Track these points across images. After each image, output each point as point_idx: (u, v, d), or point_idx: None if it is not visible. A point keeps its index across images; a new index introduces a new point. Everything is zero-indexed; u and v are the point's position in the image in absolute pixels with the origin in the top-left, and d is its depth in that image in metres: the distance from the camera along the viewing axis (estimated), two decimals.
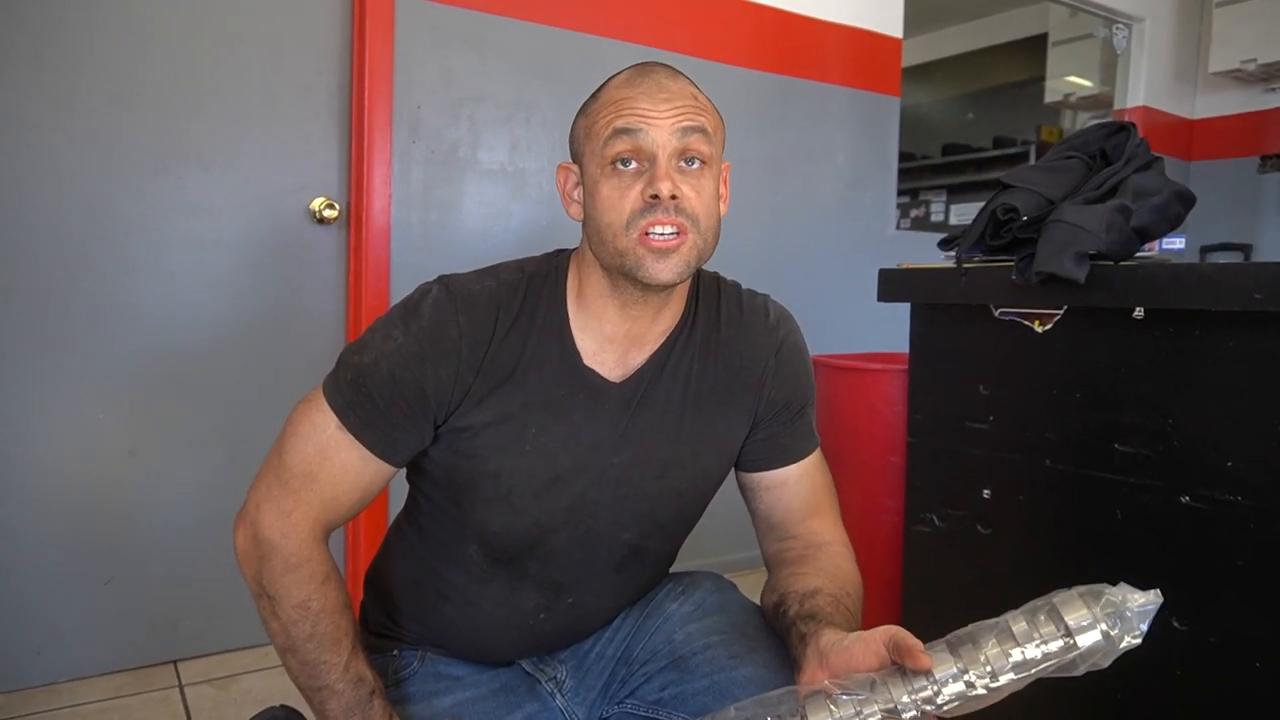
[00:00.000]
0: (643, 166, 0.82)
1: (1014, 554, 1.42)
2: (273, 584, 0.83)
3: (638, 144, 0.81)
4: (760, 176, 2.59)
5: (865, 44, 2.80)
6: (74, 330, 1.75)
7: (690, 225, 0.82)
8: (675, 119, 0.82)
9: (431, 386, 0.83)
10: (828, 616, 0.80)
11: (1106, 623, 0.66)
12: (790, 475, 0.97)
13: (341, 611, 0.86)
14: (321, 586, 0.84)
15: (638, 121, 0.81)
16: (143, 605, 1.85)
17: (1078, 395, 1.31)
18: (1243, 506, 1.12)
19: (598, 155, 0.84)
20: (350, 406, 0.84)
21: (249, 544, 0.84)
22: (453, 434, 0.86)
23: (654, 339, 0.92)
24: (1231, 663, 1.14)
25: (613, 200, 0.82)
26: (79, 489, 1.77)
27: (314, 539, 0.84)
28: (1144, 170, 1.32)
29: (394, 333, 0.85)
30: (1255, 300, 1.06)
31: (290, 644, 0.84)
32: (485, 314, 0.86)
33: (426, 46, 2.02)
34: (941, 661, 0.68)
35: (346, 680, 0.84)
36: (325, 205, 1.96)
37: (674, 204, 0.81)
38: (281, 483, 0.85)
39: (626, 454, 0.90)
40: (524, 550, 0.91)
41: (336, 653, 0.84)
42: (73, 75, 1.71)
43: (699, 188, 0.83)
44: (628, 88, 0.84)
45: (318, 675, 0.84)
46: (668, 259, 0.81)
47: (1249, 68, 3.68)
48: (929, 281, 1.50)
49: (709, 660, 0.88)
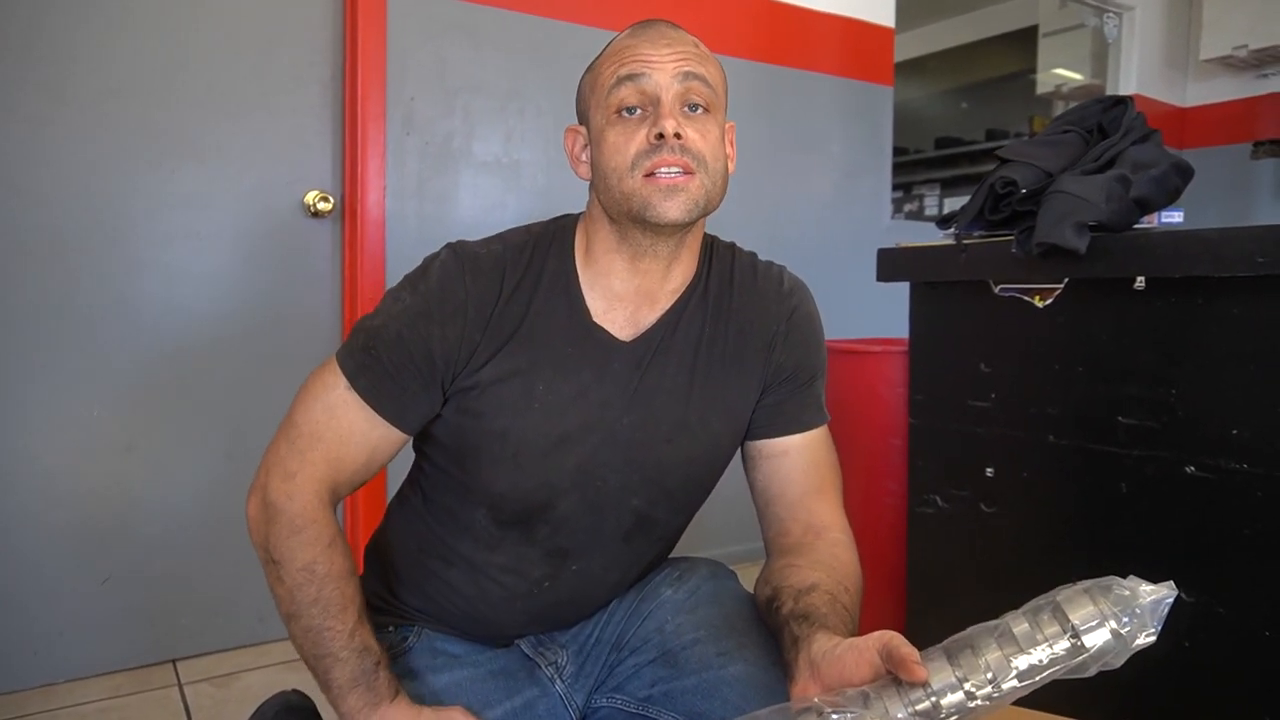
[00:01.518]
0: (647, 112, 0.83)
1: (1019, 532, 1.41)
2: (278, 547, 0.82)
3: (641, 88, 0.83)
4: (756, 166, 2.58)
5: (857, 34, 2.80)
6: (68, 325, 1.73)
7: (697, 165, 0.82)
8: (678, 63, 0.83)
9: (438, 345, 0.84)
10: (822, 618, 0.77)
11: (1116, 620, 0.61)
12: (792, 445, 0.95)
13: (347, 577, 0.84)
14: (327, 550, 0.83)
15: (640, 66, 0.83)
16: (141, 604, 1.83)
17: (1080, 369, 1.30)
18: (1249, 474, 1.12)
19: (603, 105, 0.85)
20: (361, 369, 0.85)
21: (258, 510, 0.84)
22: (460, 394, 0.86)
23: (666, 297, 0.91)
24: (1242, 633, 1.14)
25: (619, 145, 0.83)
26: (75, 486, 1.76)
27: (320, 501, 0.84)
28: (1141, 143, 1.32)
29: (402, 295, 0.87)
30: (1258, 264, 1.05)
31: (295, 609, 0.82)
32: (492, 274, 0.86)
33: (420, 37, 2.01)
34: (938, 671, 0.62)
35: (351, 648, 0.82)
36: (319, 198, 1.95)
37: (679, 143, 0.81)
38: (289, 443, 0.85)
39: (636, 414, 0.89)
40: (532, 513, 0.89)
41: (341, 620, 0.82)
42: (65, 68, 1.69)
43: (703, 130, 0.84)
44: (630, 38, 0.86)
45: (322, 643, 0.82)
46: (675, 196, 0.81)
47: (1240, 54, 3.69)
48: (928, 259, 1.49)
49: (698, 657, 0.86)
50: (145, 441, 1.83)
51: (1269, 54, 3.67)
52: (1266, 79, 3.83)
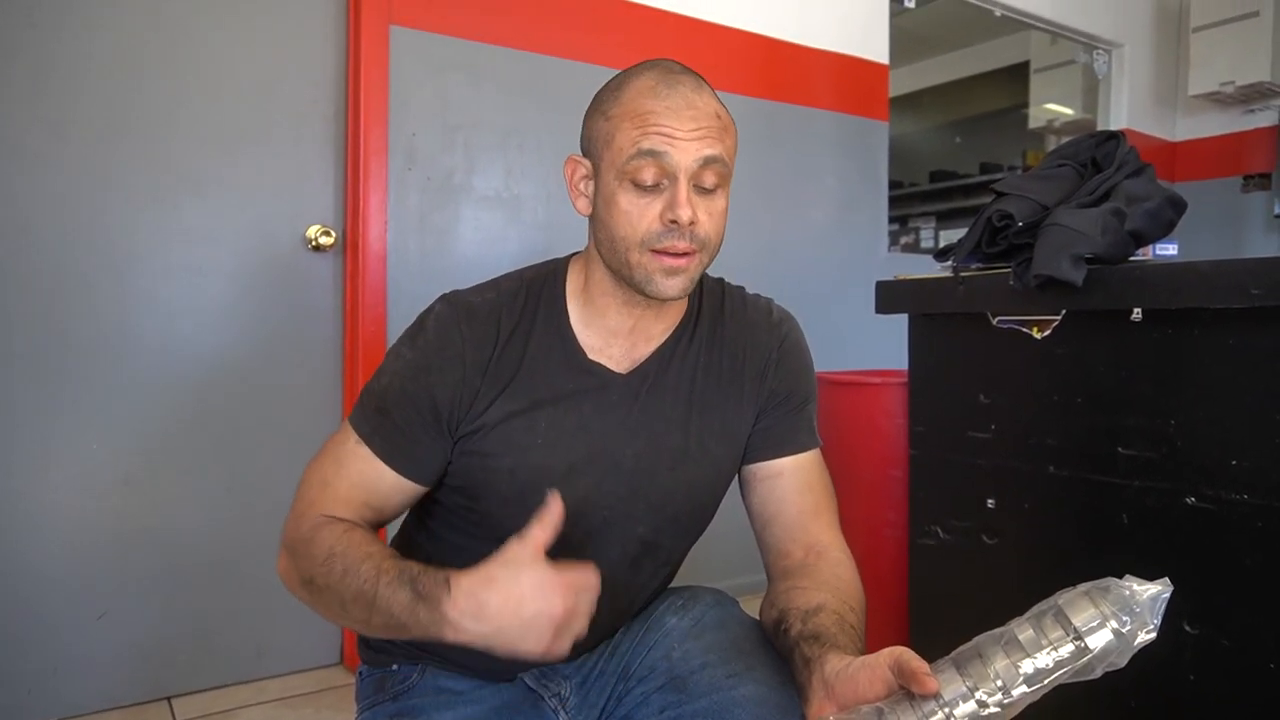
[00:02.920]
0: (662, 187, 0.83)
1: (1020, 563, 1.41)
2: (305, 567, 0.82)
3: (661, 165, 0.82)
4: (753, 200, 2.61)
5: (853, 70, 2.85)
6: (68, 358, 1.74)
7: (701, 246, 0.85)
8: (700, 143, 0.82)
9: (441, 394, 0.86)
10: (832, 638, 0.78)
11: (1116, 620, 0.63)
12: (786, 467, 0.97)
13: (367, 540, 0.82)
14: (343, 535, 0.82)
15: (663, 144, 0.82)
16: (137, 640, 1.81)
17: (1079, 400, 1.31)
18: (1249, 505, 1.12)
19: (617, 167, 0.84)
20: (375, 431, 0.87)
21: (284, 559, 0.85)
22: (465, 437, 0.88)
23: (659, 333, 0.94)
24: (1245, 666, 1.13)
25: (631, 217, 0.83)
26: (71, 520, 1.75)
27: (327, 518, 0.85)
28: (1135, 176, 1.34)
29: (403, 351, 0.89)
30: (1253, 296, 1.07)
31: (341, 592, 0.78)
32: (487, 321, 0.89)
33: (421, 75, 2.04)
34: (949, 682, 0.64)
35: (384, 582, 0.77)
36: (321, 232, 1.96)
37: (690, 229, 0.83)
38: (298, 497, 0.87)
39: (639, 443, 0.91)
40: None
41: (365, 567, 0.78)
42: (69, 104, 1.72)
43: (713, 210, 0.85)
44: (653, 99, 0.83)
45: (365, 595, 0.77)
46: (676, 277, 0.84)
47: (1227, 90, 3.75)
48: (926, 292, 1.50)
49: (708, 680, 0.86)
50: (143, 475, 1.82)
51: (1255, 90, 3.73)
52: (1254, 114, 3.89)
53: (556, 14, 2.23)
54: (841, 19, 2.81)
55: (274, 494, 1.92)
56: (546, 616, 0.71)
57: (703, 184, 0.84)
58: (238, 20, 1.88)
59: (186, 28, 1.83)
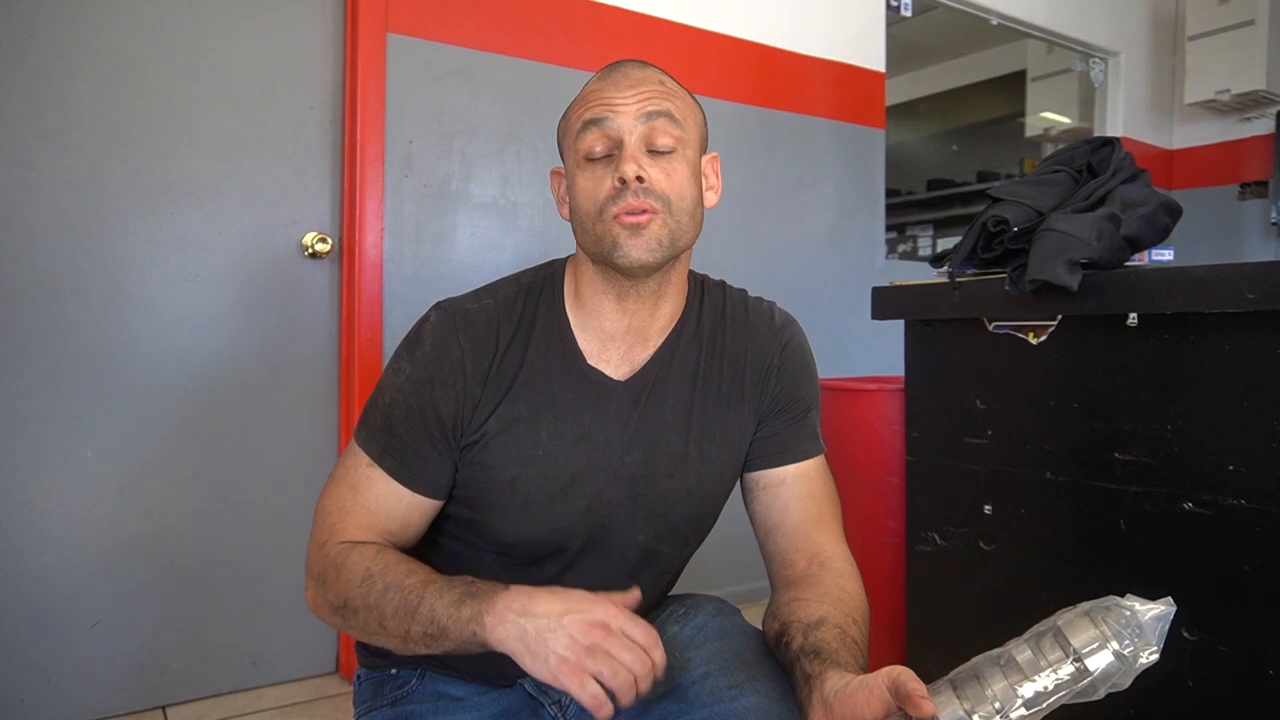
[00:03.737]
0: (614, 156, 0.84)
1: (1018, 569, 1.40)
2: (337, 594, 0.82)
3: (605, 132, 0.84)
4: (750, 208, 2.61)
5: (849, 78, 2.86)
6: (64, 366, 1.73)
7: (661, 205, 0.83)
8: (640, 104, 0.84)
9: (444, 406, 0.86)
10: (833, 653, 0.77)
11: (1118, 641, 0.62)
12: (789, 474, 0.96)
13: (404, 560, 0.83)
14: (376, 556, 0.82)
15: (603, 110, 0.84)
16: (131, 648, 1.80)
17: (1075, 405, 1.31)
18: (1247, 510, 1.12)
19: (573, 150, 0.87)
20: (386, 451, 0.87)
21: (314, 591, 0.85)
22: (467, 448, 0.87)
23: (657, 334, 0.93)
24: (1244, 672, 1.12)
25: (588, 190, 0.85)
26: (66, 528, 1.74)
27: (353, 543, 0.85)
28: (1130, 182, 1.34)
29: (402, 365, 0.89)
30: (1248, 300, 1.07)
31: (381, 609, 0.78)
32: (485, 330, 0.88)
33: (418, 83, 2.05)
34: (945, 704, 0.64)
35: (434, 585, 0.78)
36: (317, 239, 1.96)
37: (641, 186, 0.82)
38: (318, 525, 0.87)
39: (639, 451, 0.90)
40: (542, 556, 0.90)
41: (410, 580, 0.79)
42: (66, 113, 1.72)
43: (669, 170, 0.84)
44: (597, 81, 0.88)
45: (409, 603, 0.77)
46: (639, 235, 0.83)
47: (1223, 98, 3.76)
48: (922, 297, 1.50)
49: (709, 690, 0.85)
50: (139, 483, 1.81)
51: (1250, 98, 3.75)
52: (1250, 122, 3.90)
53: (553, 22, 2.24)
54: (838, 27, 2.82)
55: (270, 502, 1.92)
56: (586, 617, 0.72)
57: (655, 146, 0.84)
58: (236, 29, 1.89)
59: (184, 37, 1.83)
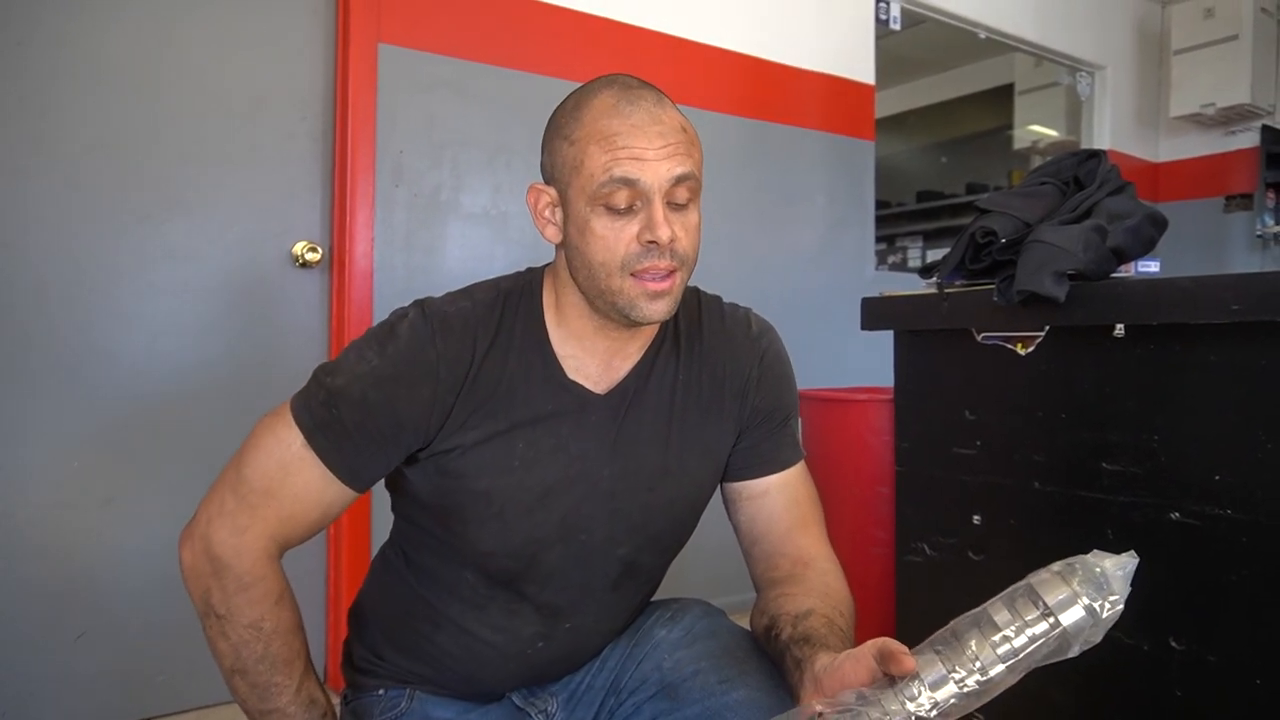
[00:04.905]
0: (635, 206, 0.81)
1: (1007, 579, 1.39)
2: (224, 603, 0.81)
3: (635, 190, 0.80)
4: (742, 219, 2.62)
5: (839, 91, 2.88)
6: (51, 376, 1.72)
7: (681, 264, 0.83)
8: (670, 161, 0.80)
9: (406, 410, 0.82)
10: (822, 639, 0.78)
11: (1088, 595, 0.65)
12: (772, 484, 0.97)
13: (295, 632, 0.84)
14: (275, 606, 0.82)
15: (635, 170, 0.79)
16: (115, 661, 1.78)
17: (1063, 416, 1.31)
18: (1233, 520, 1.12)
19: (587, 192, 0.81)
20: (319, 427, 0.82)
21: (200, 560, 0.82)
22: (439, 456, 0.85)
23: (635, 350, 0.92)
24: (1231, 681, 1.13)
25: (608, 242, 0.81)
26: (50, 539, 1.72)
27: (268, 557, 0.82)
28: (1116, 194, 1.35)
29: (368, 355, 0.84)
30: (1233, 311, 1.07)
31: (240, 666, 0.82)
32: (462, 335, 0.85)
33: (409, 93, 2.05)
34: (928, 663, 0.66)
35: (298, 703, 0.82)
36: (308, 249, 1.96)
37: (670, 247, 0.81)
38: (238, 497, 0.83)
39: (617, 465, 0.89)
40: (520, 570, 0.89)
41: (289, 674, 0.82)
42: (55, 122, 1.71)
43: (688, 225, 0.84)
44: (617, 118, 0.81)
45: (269, 698, 0.82)
46: (661, 300, 0.82)
47: (1208, 112, 3.81)
48: (911, 308, 1.51)
49: (700, 686, 0.86)
50: (125, 494, 1.80)
51: (1235, 112, 3.79)
52: (1234, 135, 3.95)
53: (545, 33, 2.25)
54: (828, 40, 2.84)
55: None
56: None
57: (675, 200, 0.82)
58: (227, 39, 1.89)
59: (175, 46, 1.83)
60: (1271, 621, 1.09)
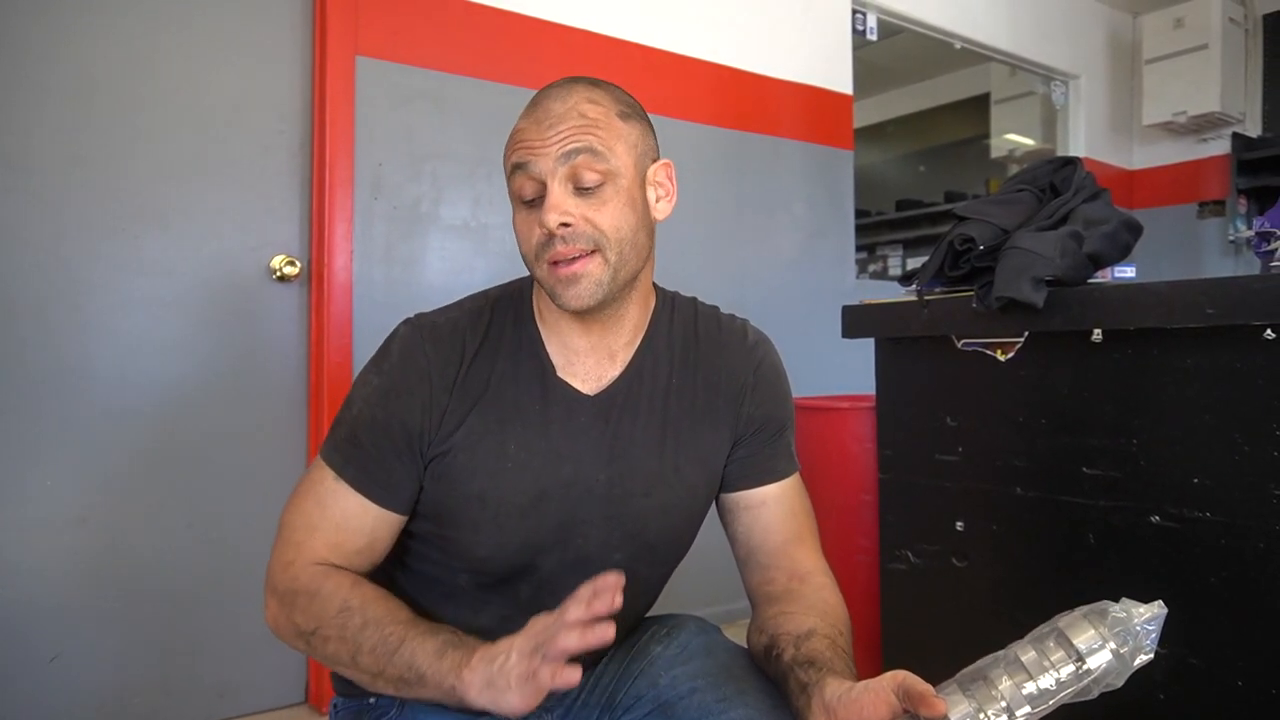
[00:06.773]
0: (542, 197, 0.82)
1: (991, 585, 1.41)
2: (308, 620, 0.80)
3: (531, 175, 0.82)
4: (721, 228, 2.63)
5: (818, 101, 2.90)
6: (24, 393, 1.69)
7: (594, 244, 0.82)
8: (558, 144, 0.81)
9: (410, 417, 0.85)
10: (827, 663, 0.78)
11: (1116, 641, 0.65)
12: (769, 495, 0.96)
13: (385, 596, 0.82)
14: (354, 587, 0.82)
15: (525, 154, 0.82)
16: (91, 683, 1.75)
17: (1043, 421, 1.32)
18: (1211, 522, 1.13)
19: (510, 190, 0.86)
20: (348, 461, 0.85)
21: (273, 607, 0.84)
22: (436, 461, 0.86)
23: (623, 350, 0.92)
24: (1214, 684, 1.13)
25: (523, 234, 0.85)
26: (23, 559, 1.69)
27: (325, 565, 0.84)
28: (1092, 200, 1.36)
29: (370, 378, 0.88)
30: (1208, 316, 1.08)
31: (356, 644, 0.78)
32: (451, 340, 0.88)
33: (387, 106, 2.04)
34: (956, 704, 0.65)
35: (419, 631, 0.78)
36: (286, 262, 1.94)
37: (568, 232, 0.81)
38: (284, 539, 0.86)
39: (612, 469, 0.89)
40: (516, 574, 0.88)
41: (395, 621, 0.79)
42: (28, 136, 1.69)
43: (598, 206, 0.82)
44: (522, 119, 0.85)
45: (389, 645, 0.77)
46: (575, 285, 0.82)
47: (1180, 120, 3.87)
48: (891, 316, 1.51)
49: (697, 704, 0.85)
50: (101, 513, 1.77)
51: (1206, 119, 3.86)
52: (1206, 143, 4.01)
53: (523, 45, 2.25)
54: (806, 51, 2.87)
55: (236, 530, 1.88)
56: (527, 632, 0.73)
57: (581, 183, 0.82)
58: (203, 52, 1.87)
59: (151, 59, 1.82)
60: (1252, 623, 1.10)
